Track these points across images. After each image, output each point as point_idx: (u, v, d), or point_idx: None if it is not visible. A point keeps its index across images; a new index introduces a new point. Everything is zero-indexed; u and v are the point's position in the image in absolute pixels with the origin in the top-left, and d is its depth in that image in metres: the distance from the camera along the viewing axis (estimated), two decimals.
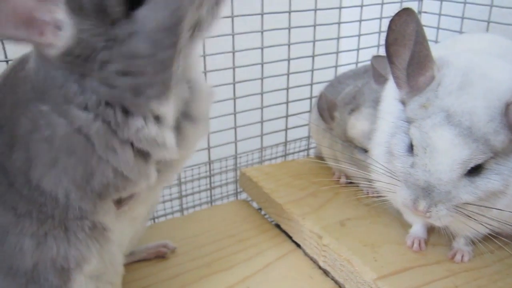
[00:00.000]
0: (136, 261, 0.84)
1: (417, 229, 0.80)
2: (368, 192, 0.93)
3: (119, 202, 0.59)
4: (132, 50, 0.46)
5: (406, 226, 0.83)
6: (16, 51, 0.61)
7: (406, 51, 0.64)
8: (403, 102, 0.67)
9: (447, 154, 0.59)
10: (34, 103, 0.51)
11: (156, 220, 1.09)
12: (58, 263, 0.56)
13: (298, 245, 0.90)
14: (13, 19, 0.43)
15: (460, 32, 1.09)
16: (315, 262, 0.85)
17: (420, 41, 0.62)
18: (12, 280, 0.55)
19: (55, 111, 0.50)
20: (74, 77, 0.48)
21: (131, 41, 0.45)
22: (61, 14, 0.44)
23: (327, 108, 0.97)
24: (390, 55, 0.66)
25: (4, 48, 0.76)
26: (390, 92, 0.73)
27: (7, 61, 0.77)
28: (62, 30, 0.45)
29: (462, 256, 0.76)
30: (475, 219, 0.62)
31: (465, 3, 1.08)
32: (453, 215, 0.61)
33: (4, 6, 0.42)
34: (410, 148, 0.64)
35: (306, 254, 0.88)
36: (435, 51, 0.65)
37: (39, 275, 0.55)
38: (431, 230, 0.82)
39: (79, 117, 0.49)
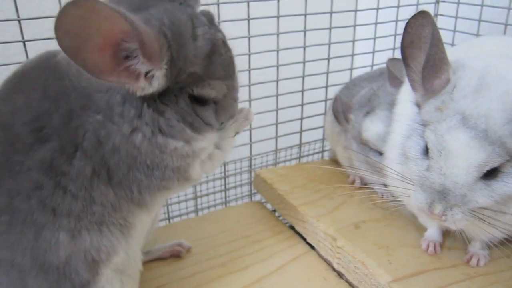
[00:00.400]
0: (152, 259, 0.86)
1: (432, 232, 0.80)
2: (382, 195, 0.93)
3: None
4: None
5: (421, 229, 0.83)
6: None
7: (421, 53, 0.64)
8: (419, 105, 0.67)
9: (462, 157, 0.59)
10: (87, 112, 0.56)
11: (171, 220, 1.10)
12: (89, 255, 0.59)
13: (312, 247, 0.90)
14: (112, 67, 0.51)
15: (477, 35, 1.09)
16: (329, 264, 0.85)
17: (436, 43, 0.62)
18: (43, 278, 0.57)
19: (108, 118, 0.56)
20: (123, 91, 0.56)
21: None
22: (160, 73, 0.54)
23: (342, 111, 0.97)
24: (405, 58, 0.66)
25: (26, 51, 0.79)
26: (406, 94, 0.73)
27: None
28: (155, 80, 0.54)
29: (478, 260, 0.75)
30: (490, 223, 0.62)
31: (482, 5, 1.08)
32: (469, 219, 0.61)
33: (106, 51, 0.50)
34: (425, 151, 0.64)
35: (320, 256, 0.88)
36: (451, 54, 0.65)
37: (70, 269, 0.58)
38: (446, 233, 0.81)
39: (121, 124, 0.56)
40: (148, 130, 0.57)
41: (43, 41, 0.81)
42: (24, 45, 0.79)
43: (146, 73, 0.54)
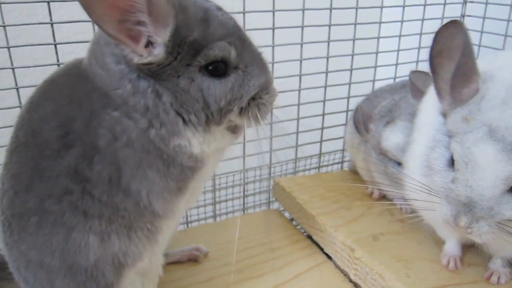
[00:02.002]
0: (170, 263, 0.86)
1: (452, 246, 0.79)
2: (401, 208, 0.93)
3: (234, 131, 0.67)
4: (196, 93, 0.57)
5: (440, 243, 0.81)
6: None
7: (450, 63, 0.64)
8: (444, 114, 0.66)
9: (489, 169, 0.58)
10: (105, 110, 0.56)
11: (189, 224, 1.11)
12: (116, 259, 0.60)
13: (329, 257, 0.90)
14: (117, 18, 0.51)
15: (503, 49, 1.07)
16: (345, 275, 0.85)
17: (468, 53, 0.62)
18: (71, 279, 0.58)
19: (124, 114, 0.56)
20: (128, 74, 0.56)
21: (197, 86, 0.56)
22: (164, 37, 0.53)
23: (363, 120, 0.97)
24: (434, 66, 0.66)
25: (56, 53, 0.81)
26: (430, 104, 0.72)
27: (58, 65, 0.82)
28: (155, 48, 0.53)
29: (499, 278, 0.74)
30: None
31: (508, 20, 1.07)
32: (495, 232, 0.60)
33: (115, 4, 0.50)
34: (451, 162, 0.63)
35: (337, 266, 0.88)
36: (479, 64, 0.65)
37: (97, 272, 0.59)
38: (466, 249, 0.80)
39: (139, 120, 0.56)
40: (156, 123, 0.57)
41: (71, 44, 0.84)
42: (56, 48, 0.81)
43: (149, 42, 0.53)
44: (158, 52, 0.54)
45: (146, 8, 0.51)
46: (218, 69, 0.57)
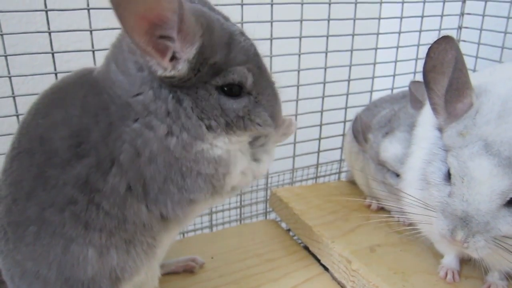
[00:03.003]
0: (166, 273, 0.85)
1: (450, 259, 0.79)
2: (399, 220, 0.92)
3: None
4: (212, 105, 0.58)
5: (438, 256, 0.81)
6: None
7: (444, 78, 0.64)
8: (440, 129, 0.67)
9: (485, 184, 0.58)
10: (125, 123, 0.56)
11: (185, 235, 1.10)
12: (114, 274, 0.59)
13: (326, 269, 0.89)
14: (148, 31, 0.52)
15: (500, 61, 1.08)
16: (342, 286, 0.84)
17: (459, 68, 0.62)
18: None
19: (144, 125, 0.56)
20: (149, 81, 0.57)
21: (215, 99, 0.58)
22: (189, 55, 0.54)
23: (362, 130, 0.97)
24: (428, 82, 0.66)
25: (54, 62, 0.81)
26: (427, 118, 0.73)
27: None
28: (179, 64, 0.54)
29: None
30: None
31: (505, 33, 1.07)
32: (491, 247, 0.60)
33: (149, 16, 0.51)
34: (447, 176, 0.63)
35: (334, 278, 0.87)
36: (474, 79, 0.65)
37: (94, 285, 0.59)
38: (463, 261, 0.80)
39: (159, 127, 0.56)
40: (176, 128, 0.57)
41: (69, 53, 0.84)
42: (53, 56, 0.81)
43: (173, 57, 0.54)
44: (182, 68, 0.55)
45: (176, 25, 0.52)
46: (232, 90, 0.59)
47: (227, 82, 0.58)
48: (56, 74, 0.82)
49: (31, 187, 0.57)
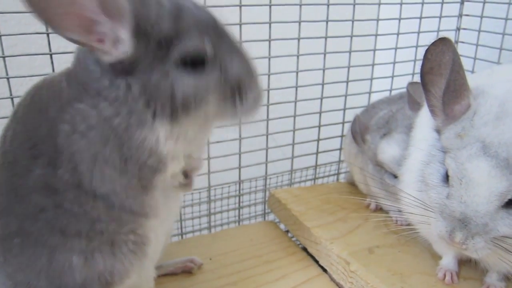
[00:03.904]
0: (164, 274, 0.85)
1: (448, 261, 0.78)
2: (397, 221, 0.92)
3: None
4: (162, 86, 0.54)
5: (437, 257, 0.81)
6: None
7: (441, 80, 0.64)
8: (438, 131, 0.67)
9: (483, 186, 0.58)
10: (72, 104, 0.54)
11: (183, 236, 1.10)
12: (103, 278, 0.59)
13: (325, 270, 0.89)
14: (75, 25, 0.49)
15: (498, 63, 1.08)
16: None
17: (457, 69, 0.62)
18: None
19: (89, 104, 0.54)
20: (108, 73, 0.54)
21: (169, 80, 0.54)
22: (125, 33, 0.52)
23: (360, 131, 0.98)
24: (425, 84, 0.66)
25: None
26: (425, 119, 0.73)
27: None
28: (121, 45, 0.52)
29: None
30: None
31: (503, 34, 1.07)
32: (491, 248, 0.60)
33: (70, 11, 0.48)
34: (446, 178, 0.63)
35: (332, 279, 0.87)
36: (472, 80, 0.65)
37: None
38: (462, 263, 0.80)
39: (105, 108, 0.54)
40: (124, 111, 0.54)
41: (67, 54, 0.83)
42: (51, 57, 0.81)
43: (115, 41, 0.52)
44: (124, 49, 0.52)
45: (98, 8, 0.50)
46: (195, 62, 0.55)
47: (183, 54, 0.54)
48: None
49: (8, 200, 0.57)
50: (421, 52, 0.65)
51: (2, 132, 0.61)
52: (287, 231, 1.05)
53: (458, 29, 1.22)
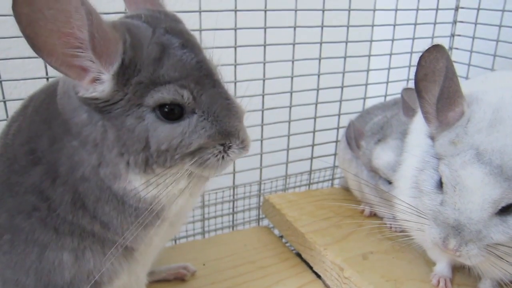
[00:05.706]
0: (156, 280, 0.85)
1: (442, 267, 0.78)
2: (391, 227, 0.92)
3: None
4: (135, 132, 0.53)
5: (431, 263, 0.81)
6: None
7: (435, 86, 0.64)
8: (432, 137, 0.67)
9: (477, 193, 0.58)
10: (67, 138, 0.55)
11: (177, 241, 1.09)
12: (92, 277, 0.58)
13: (319, 276, 0.89)
14: (59, 53, 0.48)
15: (492, 69, 1.09)
16: None
17: (450, 76, 0.62)
18: None
19: (80, 144, 0.54)
20: (86, 105, 0.53)
21: (144, 127, 0.52)
22: (107, 75, 0.51)
23: (354, 137, 0.98)
24: (419, 91, 0.66)
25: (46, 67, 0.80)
26: (419, 126, 0.73)
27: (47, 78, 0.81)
28: (101, 85, 0.51)
29: None
30: (507, 261, 0.60)
31: (497, 41, 1.08)
32: (484, 255, 0.60)
33: (57, 41, 0.47)
34: (439, 185, 0.63)
35: (326, 285, 0.87)
36: (466, 87, 0.65)
37: None
38: (456, 269, 0.79)
39: (91, 155, 0.54)
40: (104, 161, 0.54)
41: None
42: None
43: (97, 78, 0.51)
44: (103, 89, 0.51)
45: (89, 45, 0.48)
46: (173, 112, 0.53)
47: (158, 102, 0.52)
48: (47, 78, 0.82)
49: (1, 193, 0.57)
50: (415, 58, 0.65)
51: (8, 121, 0.61)
52: (281, 237, 1.05)
53: (452, 35, 1.23)
